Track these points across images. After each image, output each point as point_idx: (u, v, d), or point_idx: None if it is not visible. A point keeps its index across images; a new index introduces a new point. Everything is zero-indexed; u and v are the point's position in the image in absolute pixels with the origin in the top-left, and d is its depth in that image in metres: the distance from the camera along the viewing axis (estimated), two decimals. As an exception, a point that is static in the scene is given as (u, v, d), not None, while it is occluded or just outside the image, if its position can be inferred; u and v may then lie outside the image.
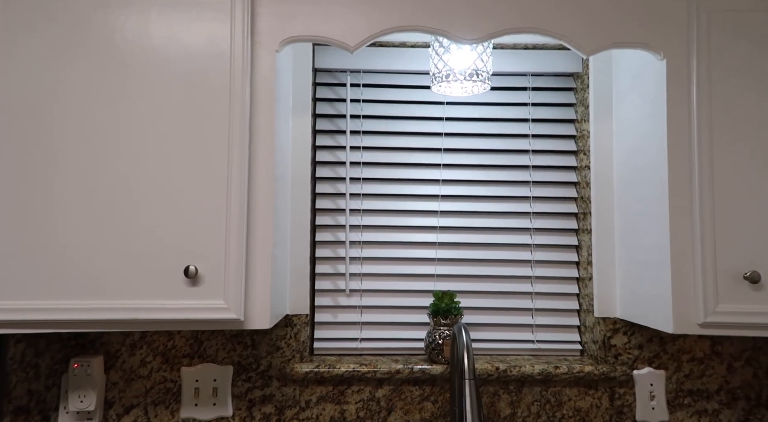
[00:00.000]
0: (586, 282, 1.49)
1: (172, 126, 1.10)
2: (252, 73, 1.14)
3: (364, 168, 1.54)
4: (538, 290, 1.52)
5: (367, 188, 1.54)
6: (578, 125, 1.54)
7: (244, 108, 1.11)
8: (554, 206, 1.55)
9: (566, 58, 1.53)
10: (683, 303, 1.15)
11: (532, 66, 1.53)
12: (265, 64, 1.15)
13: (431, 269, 1.53)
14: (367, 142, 1.54)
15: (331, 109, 1.54)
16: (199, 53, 1.11)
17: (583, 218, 1.51)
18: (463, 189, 1.54)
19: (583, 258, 1.51)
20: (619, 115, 1.42)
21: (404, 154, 1.55)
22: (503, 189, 1.55)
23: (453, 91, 1.37)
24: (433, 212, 1.54)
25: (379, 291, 1.53)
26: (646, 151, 1.26)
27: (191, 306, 1.08)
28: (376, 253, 1.53)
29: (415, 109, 1.55)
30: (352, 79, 1.54)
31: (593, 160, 1.47)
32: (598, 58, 1.47)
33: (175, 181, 1.09)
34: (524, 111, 1.56)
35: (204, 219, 1.09)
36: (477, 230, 1.55)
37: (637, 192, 1.31)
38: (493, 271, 1.53)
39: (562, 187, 1.56)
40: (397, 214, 1.54)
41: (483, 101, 1.55)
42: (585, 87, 1.50)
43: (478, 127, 1.55)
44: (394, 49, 1.52)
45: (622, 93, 1.41)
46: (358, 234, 1.53)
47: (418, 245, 1.54)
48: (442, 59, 1.26)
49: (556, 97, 1.56)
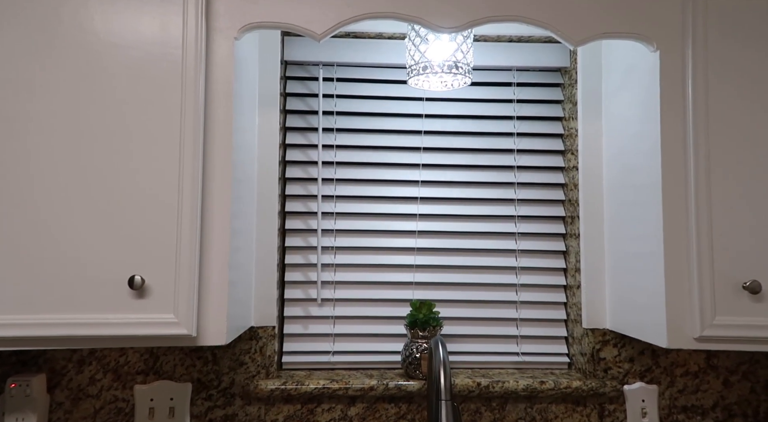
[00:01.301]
0: (574, 290, 1.39)
1: (115, 119, 0.99)
2: (207, 61, 1.03)
3: (338, 168, 1.44)
4: (523, 299, 1.43)
5: (341, 190, 1.43)
6: (566, 123, 1.45)
7: (197, 99, 1.00)
8: (541, 209, 1.45)
9: (553, 52, 1.44)
10: (678, 315, 1.06)
11: (518, 60, 1.44)
12: (223, 52, 1.04)
13: (409, 276, 1.43)
14: (341, 140, 1.44)
15: (303, 105, 1.44)
16: (148, 39, 1.00)
17: (571, 222, 1.42)
18: (444, 191, 1.45)
19: (570, 265, 1.42)
20: (610, 112, 1.33)
21: (381, 154, 1.45)
22: (486, 191, 1.45)
23: (432, 85, 1.27)
24: (412, 215, 1.44)
25: (354, 300, 1.42)
26: (638, 151, 1.17)
27: (137, 321, 0.97)
28: (351, 259, 1.42)
29: (393, 105, 1.45)
30: (325, 73, 1.44)
31: (582, 161, 1.38)
32: (587, 52, 1.38)
33: (118, 180, 0.98)
34: (509, 108, 1.46)
35: (152, 223, 0.98)
36: (458, 234, 1.45)
37: (628, 194, 1.22)
38: (475, 279, 1.43)
39: (549, 188, 1.47)
40: (372, 218, 1.44)
41: (465, 97, 1.45)
42: (573, 83, 1.42)
43: (459, 125, 1.46)
44: (370, 41, 1.42)
45: (612, 89, 1.32)
46: (330, 238, 1.42)
47: (395, 251, 1.44)
48: (418, 50, 1.16)
49: (543, 94, 1.47)
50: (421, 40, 1.16)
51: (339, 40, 1.41)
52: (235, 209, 1.08)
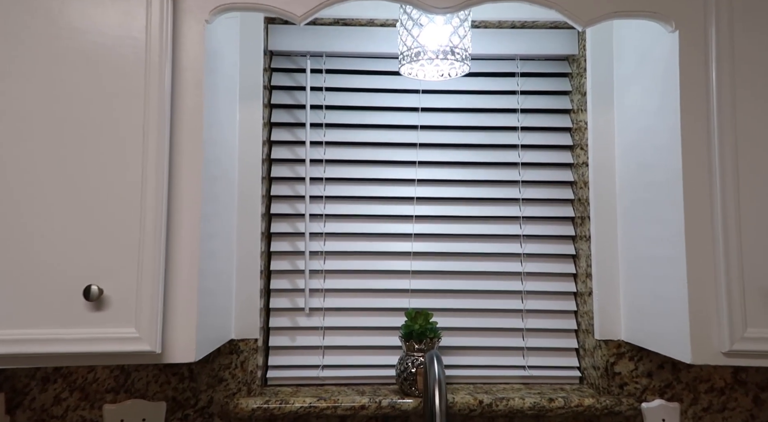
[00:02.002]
0: (585, 297, 1.28)
1: (70, 111, 0.88)
2: (175, 46, 0.93)
3: (327, 166, 1.33)
4: (529, 307, 1.31)
5: (331, 190, 1.33)
6: (574, 116, 1.34)
7: (162, 88, 0.90)
8: (548, 209, 1.34)
9: (560, 39, 1.33)
10: (703, 326, 0.94)
11: (521, 48, 1.32)
12: (193, 37, 0.94)
13: (405, 283, 1.31)
14: (331, 136, 1.33)
15: (289, 99, 1.33)
16: (109, 22, 0.90)
17: (581, 223, 1.30)
18: (443, 190, 1.33)
19: (581, 270, 1.30)
20: (623, 103, 1.22)
21: (373, 151, 1.34)
22: (489, 190, 1.34)
23: (427, 73, 1.16)
24: (408, 217, 1.33)
25: (345, 309, 1.31)
26: (655, 145, 1.06)
27: (94, 336, 0.86)
28: (341, 265, 1.31)
29: (386, 98, 1.34)
30: (313, 64, 1.33)
31: (592, 156, 1.26)
32: (597, 37, 1.26)
33: (73, 178, 0.87)
34: (512, 100, 1.35)
35: (111, 226, 0.88)
36: (458, 238, 1.33)
37: (644, 193, 1.10)
38: (477, 285, 1.31)
39: (557, 187, 1.35)
40: (365, 220, 1.33)
41: (464, 89, 1.34)
42: (582, 72, 1.30)
43: (459, 119, 1.34)
44: (361, 29, 1.32)
45: (625, 78, 1.21)
46: (320, 243, 1.32)
47: (389, 255, 1.33)
48: (411, 35, 1.06)
49: (549, 84, 1.36)
50: (414, 23, 1.05)
51: (328, 28, 1.31)
52: (208, 210, 0.98)
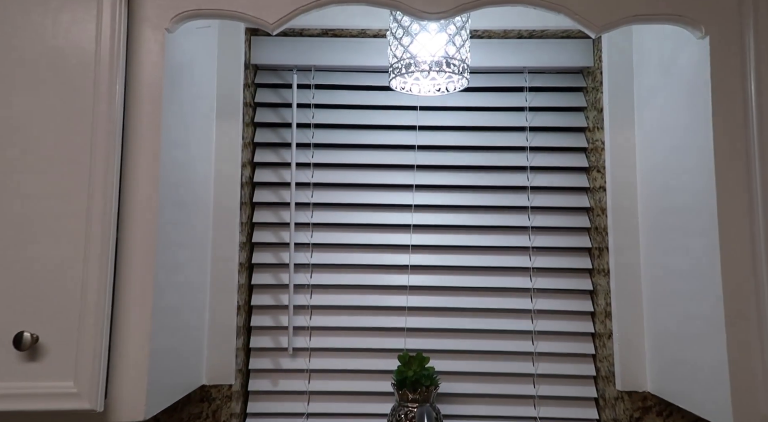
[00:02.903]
0: (605, 340, 1.12)
1: (7, 133, 0.78)
2: (130, 58, 0.83)
3: (315, 191, 1.21)
4: (541, 350, 1.16)
5: (319, 216, 1.20)
6: (590, 135, 1.20)
7: (112, 106, 0.79)
8: (561, 239, 1.19)
9: (573, 49, 1.20)
10: (747, 384, 0.79)
11: (530, 59, 1.20)
12: (151, 47, 0.83)
13: (401, 321, 1.17)
14: (320, 157, 1.21)
15: (275, 117, 1.22)
16: (53, 29, 0.80)
17: (599, 255, 1.15)
18: (442, 217, 1.20)
19: (599, 308, 1.15)
20: (644, 120, 1.08)
21: (366, 173, 1.21)
22: (494, 217, 1.20)
23: (422, 88, 1.04)
24: (404, 247, 1.20)
25: (333, 350, 1.17)
26: (684, 167, 0.91)
27: (25, 391, 0.74)
28: (329, 300, 1.18)
29: (381, 115, 1.22)
30: (300, 79, 1.22)
31: (610, 180, 1.12)
32: (614, 47, 1.13)
33: (7, 206, 0.77)
34: (520, 117, 1.22)
35: (48, 263, 0.76)
36: (460, 270, 1.19)
37: (672, 222, 0.96)
38: (481, 324, 1.17)
39: (571, 214, 1.21)
40: (356, 249, 1.20)
41: (467, 105, 1.21)
42: (598, 85, 1.17)
43: (461, 138, 1.22)
44: (352, 41, 1.20)
45: (647, 92, 1.07)
46: (306, 275, 1.19)
47: (384, 289, 1.19)
48: (401, 44, 0.94)
49: (561, 100, 1.22)
50: (404, 31, 0.93)
51: (316, 40, 1.20)
52: (171, 238, 0.86)
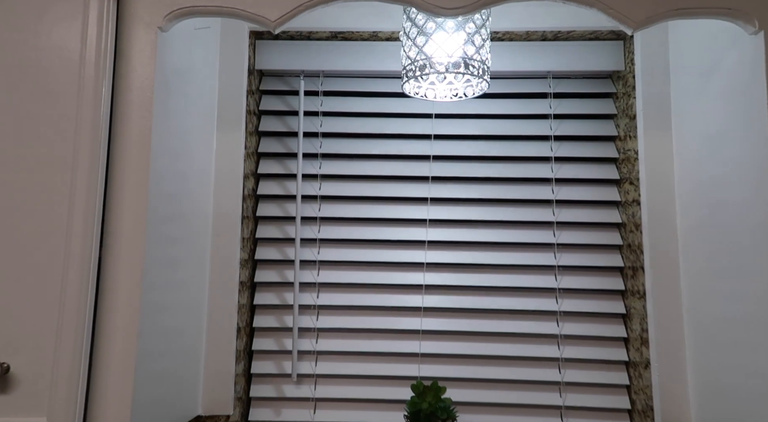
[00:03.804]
0: (641, 369, 1.01)
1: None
2: (119, 60, 0.76)
3: (323, 204, 1.13)
4: (569, 379, 1.06)
5: (326, 232, 1.12)
6: (621, 144, 1.10)
7: (97, 110, 0.72)
8: (590, 257, 1.09)
9: (601, 52, 1.11)
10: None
11: (554, 63, 1.11)
12: (142, 48, 0.76)
13: (414, 345, 1.08)
14: (328, 168, 1.13)
15: (281, 125, 1.15)
16: (36, 29, 0.73)
17: (633, 275, 1.05)
18: (460, 233, 1.11)
19: (634, 334, 1.04)
20: (684, 128, 0.98)
21: (377, 186, 1.13)
22: (516, 233, 1.11)
23: (438, 92, 0.96)
24: (418, 265, 1.11)
25: (340, 377, 1.08)
26: (734, 180, 0.81)
27: (-7, 427, 0.66)
28: (337, 322, 1.09)
29: (393, 123, 1.14)
30: (308, 85, 1.15)
31: (645, 193, 1.02)
32: (649, 48, 1.03)
33: (-23, 223, 0.70)
34: (544, 125, 1.13)
35: (22, 284, 0.69)
36: (480, 290, 1.10)
37: (720, 239, 0.85)
38: (503, 350, 1.07)
39: (601, 230, 1.11)
40: (366, 267, 1.11)
41: (486, 112, 1.13)
42: (630, 91, 1.07)
43: (479, 148, 1.13)
44: (363, 44, 1.13)
45: (687, 96, 0.97)
46: (312, 295, 1.10)
47: (396, 311, 1.10)
48: (414, 44, 0.86)
49: (589, 106, 1.13)
50: (419, 31, 0.85)
51: (324, 44, 1.13)
52: (162, 254, 0.79)
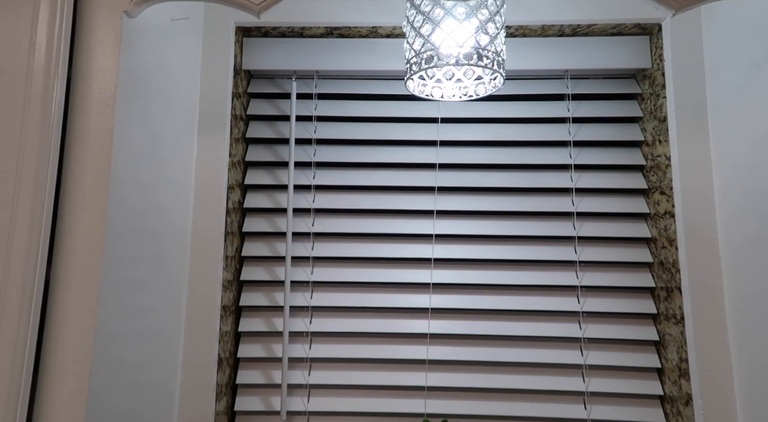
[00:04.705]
0: (680, 406, 0.88)
1: None
2: (77, 48, 0.65)
3: (317, 218, 1.02)
4: (597, 416, 0.93)
5: (321, 249, 1.00)
6: (648, 150, 0.99)
7: (48, 110, 0.61)
8: (616, 277, 0.97)
9: (625, 48, 1.00)
10: None
11: (572, 61, 1.00)
12: (105, 37, 0.66)
13: (420, 377, 0.95)
14: (322, 178, 1.02)
15: (270, 131, 1.04)
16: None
17: (667, 297, 0.93)
18: (470, 249, 0.99)
19: (670, 365, 0.91)
20: (725, 130, 0.87)
21: (377, 197, 1.02)
22: (532, 249, 0.99)
23: (445, 92, 0.85)
24: (423, 286, 0.99)
25: (336, 414, 0.95)
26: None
27: None
28: (332, 352, 0.97)
29: (395, 129, 1.03)
30: (300, 87, 1.04)
31: (681, 204, 0.90)
32: (681, 41, 0.92)
33: None
34: (562, 130, 1.02)
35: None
36: (492, 314, 0.98)
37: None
38: (519, 382, 0.94)
39: (628, 245, 0.99)
40: (365, 289, 0.99)
41: (496, 115, 1.02)
42: (658, 90, 0.96)
43: (490, 155, 1.02)
44: (361, 41, 1.03)
45: (727, 94, 0.86)
46: (304, 320, 0.98)
47: (398, 339, 0.98)
48: (420, 35, 0.75)
49: (610, 109, 1.02)
50: (425, 18, 0.75)
51: (319, 41, 1.03)
52: (125, 275, 0.67)
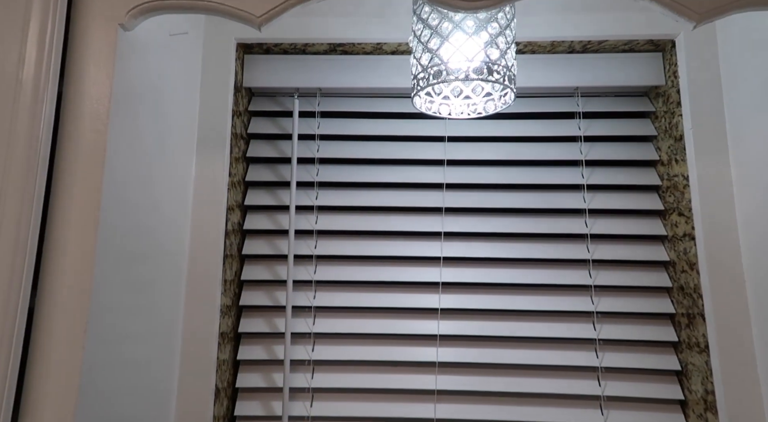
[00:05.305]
0: (705, 441, 0.83)
1: None
2: (70, 59, 0.62)
3: (319, 240, 0.98)
4: (615, 452, 0.87)
5: (324, 272, 0.96)
6: (664, 169, 0.96)
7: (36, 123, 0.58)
8: (633, 302, 0.92)
9: (637, 65, 0.97)
10: None
11: (583, 78, 0.97)
12: (99, 49, 0.63)
13: (428, 409, 0.90)
14: (325, 199, 0.99)
15: (272, 150, 1.01)
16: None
17: (689, 324, 0.88)
18: (479, 273, 0.95)
19: (695, 397, 0.86)
20: (746, 149, 0.83)
21: (382, 218, 0.98)
22: (544, 273, 0.94)
23: (453, 109, 0.81)
24: (431, 311, 0.94)
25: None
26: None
27: None
28: (335, 381, 0.92)
29: (400, 148, 1.00)
30: (303, 105, 1.01)
31: (701, 226, 0.86)
32: (696, 57, 0.89)
33: None
34: (573, 149, 0.98)
35: None
36: (504, 342, 0.93)
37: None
38: (533, 414, 0.89)
39: (644, 269, 0.94)
40: (370, 314, 0.95)
41: (505, 134, 0.99)
42: (673, 108, 0.93)
43: (499, 175, 0.98)
44: (365, 58, 1.00)
45: (746, 111, 0.83)
46: (306, 348, 0.93)
47: (405, 368, 0.93)
48: (427, 49, 0.72)
49: (623, 127, 0.99)
50: (432, 32, 0.72)
51: (321, 59, 1.00)
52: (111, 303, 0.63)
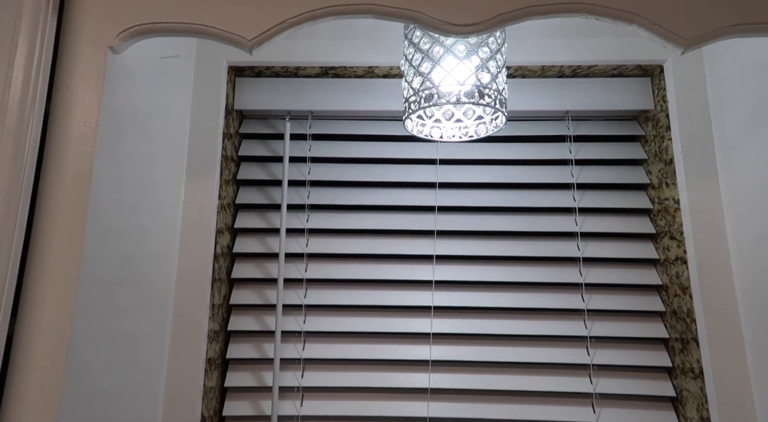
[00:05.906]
0: (703, 470, 0.81)
1: None
2: (58, 82, 0.61)
3: (310, 263, 0.96)
4: (611, 481, 0.85)
5: (314, 296, 0.94)
6: (654, 193, 0.96)
7: (21, 145, 0.57)
8: (626, 327, 0.91)
9: (626, 89, 0.98)
10: None
11: (573, 102, 0.98)
12: (87, 72, 0.62)
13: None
14: (316, 222, 0.97)
15: (262, 173, 1.00)
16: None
17: (683, 349, 0.87)
18: (471, 297, 0.94)
19: (689, 424, 0.85)
20: (733, 173, 0.84)
21: (373, 242, 0.97)
22: (537, 297, 0.93)
23: (444, 132, 0.81)
24: (422, 336, 0.93)
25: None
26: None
27: None
28: (325, 408, 0.89)
29: (392, 171, 0.99)
30: (294, 128, 1.01)
31: (693, 250, 0.85)
32: (684, 83, 0.90)
33: None
34: (564, 172, 0.99)
35: None
36: (497, 368, 0.91)
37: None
38: None
39: (637, 293, 0.94)
40: (361, 339, 0.93)
41: (497, 157, 0.99)
42: (662, 132, 0.94)
43: (491, 198, 0.98)
44: (357, 82, 1.00)
45: (734, 136, 0.84)
46: (296, 374, 0.91)
47: (396, 394, 0.90)
48: (419, 73, 0.73)
49: (613, 151, 1.00)
50: (423, 56, 0.72)
51: (313, 82, 1.00)
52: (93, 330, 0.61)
